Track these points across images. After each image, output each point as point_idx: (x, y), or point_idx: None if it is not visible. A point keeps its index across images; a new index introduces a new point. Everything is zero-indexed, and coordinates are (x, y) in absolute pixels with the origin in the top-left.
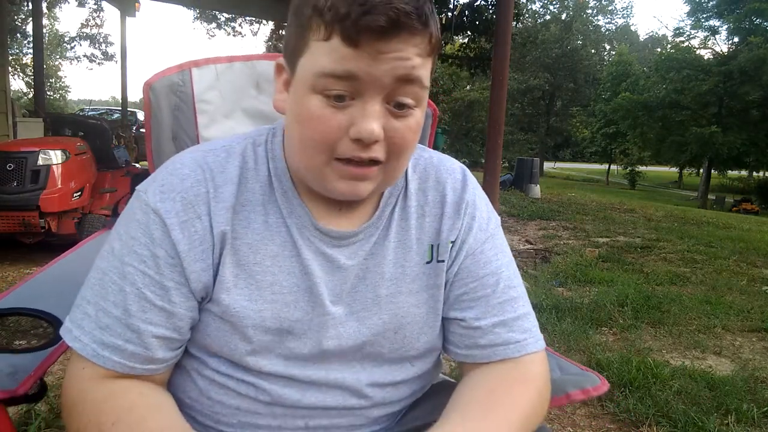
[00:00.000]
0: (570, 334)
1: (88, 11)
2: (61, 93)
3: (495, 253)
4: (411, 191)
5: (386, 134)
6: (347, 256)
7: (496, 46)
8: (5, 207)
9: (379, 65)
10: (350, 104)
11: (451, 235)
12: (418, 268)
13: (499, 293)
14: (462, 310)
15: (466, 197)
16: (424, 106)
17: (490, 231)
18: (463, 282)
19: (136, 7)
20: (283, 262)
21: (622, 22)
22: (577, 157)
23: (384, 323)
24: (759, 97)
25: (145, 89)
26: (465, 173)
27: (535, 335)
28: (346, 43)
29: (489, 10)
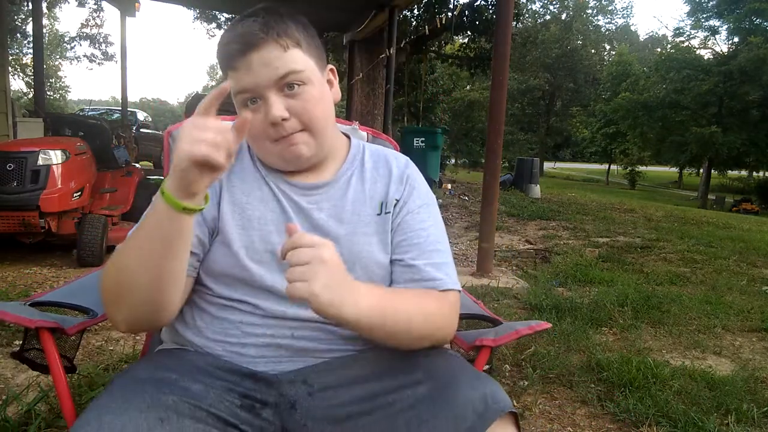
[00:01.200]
0: (570, 334)
1: (88, 11)
2: (61, 93)
3: (428, 217)
4: (366, 167)
5: (291, 112)
6: (309, 202)
7: (496, 46)
8: (5, 207)
9: (254, 76)
10: (260, 105)
11: (396, 194)
12: (370, 217)
13: (429, 244)
14: (401, 253)
15: (407, 172)
16: (315, 82)
17: (425, 201)
18: (402, 231)
19: (136, 7)
20: (267, 203)
21: (622, 22)
22: (577, 157)
23: (350, 254)
24: (759, 97)
25: (165, 136)
26: (408, 161)
27: (453, 278)
28: (230, 71)
29: (489, 10)
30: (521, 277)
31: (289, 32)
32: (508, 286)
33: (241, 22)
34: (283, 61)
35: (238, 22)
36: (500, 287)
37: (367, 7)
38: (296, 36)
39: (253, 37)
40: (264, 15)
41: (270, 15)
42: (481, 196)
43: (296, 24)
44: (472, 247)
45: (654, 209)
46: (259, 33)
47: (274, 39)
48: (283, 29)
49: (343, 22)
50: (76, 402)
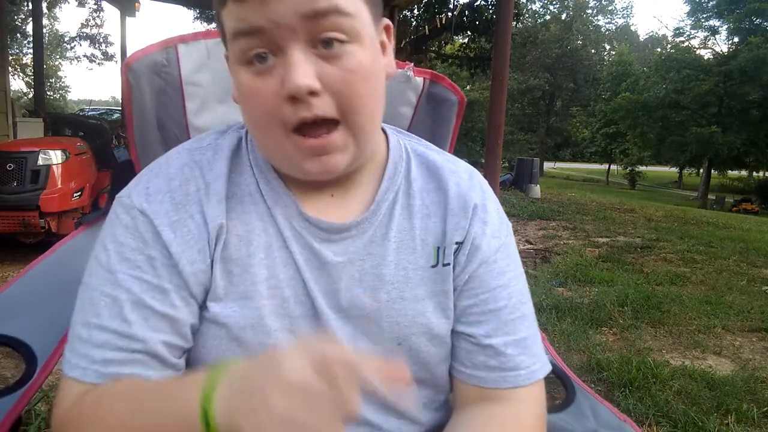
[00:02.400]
0: (570, 334)
1: (88, 11)
2: (61, 93)
3: (508, 263)
4: (415, 189)
5: (325, 84)
6: (336, 253)
7: (496, 46)
8: (5, 207)
9: (274, 7)
10: (274, 64)
11: (456, 235)
12: (423, 272)
13: (511, 308)
14: (470, 325)
15: (472, 197)
16: (367, 41)
17: (503, 239)
18: (473, 292)
19: (136, 7)
20: (277, 253)
21: (622, 22)
22: (577, 157)
23: (384, 332)
24: (759, 97)
25: (123, 71)
26: (472, 174)
27: (542, 359)
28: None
29: (489, 10)
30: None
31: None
32: None
33: None
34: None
35: None
36: None
37: None
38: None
39: None
40: None
41: None
42: None
43: None
44: None
45: (654, 209)
46: None
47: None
48: None
49: None
50: None
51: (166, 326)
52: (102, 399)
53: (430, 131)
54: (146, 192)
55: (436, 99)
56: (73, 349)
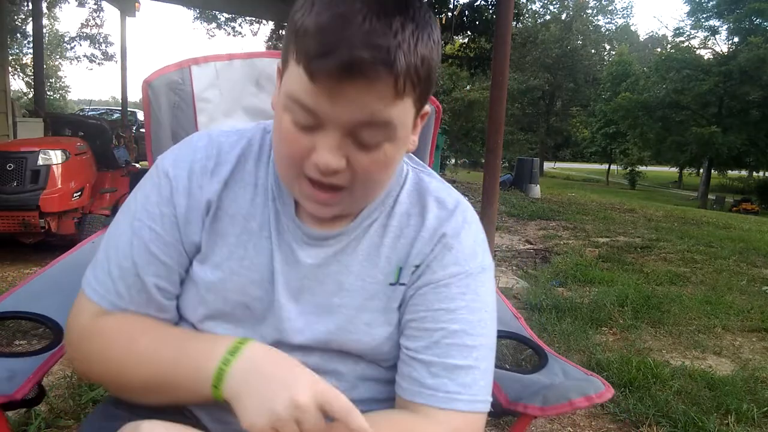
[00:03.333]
0: (570, 334)
1: (88, 11)
2: (61, 93)
3: (464, 293)
4: (396, 212)
5: (351, 164)
6: (309, 256)
7: (496, 46)
8: (5, 207)
9: (336, 107)
10: (315, 130)
11: (416, 259)
12: (380, 286)
13: (450, 334)
14: (407, 338)
15: (447, 226)
16: (401, 140)
17: (467, 269)
18: (415, 308)
19: (136, 7)
20: (258, 241)
21: (622, 22)
22: (577, 157)
23: (329, 332)
24: (759, 97)
25: (144, 87)
26: (458, 205)
27: (474, 394)
28: (308, 76)
29: (489, 10)
30: (521, 277)
31: (419, 62)
32: (508, 286)
33: (363, 5)
34: (386, 109)
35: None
36: (500, 287)
37: None
38: (425, 68)
39: (368, 66)
40: (407, 11)
41: (413, 17)
42: (481, 196)
43: (432, 37)
44: None
45: (654, 209)
46: (382, 61)
47: (396, 75)
48: (416, 56)
49: None
50: (77, 402)
51: (163, 272)
52: (124, 327)
53: None
54: (174, 159)
55: None
56: (95, 272)
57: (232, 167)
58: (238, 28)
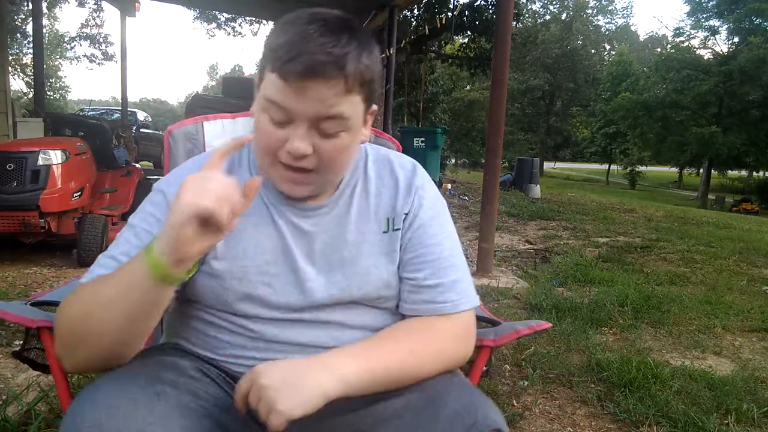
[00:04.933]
0: (570, 334)
1: (88, 11)
2: (61, 93)
3: (440, 228)
4: (370, 176)
5: (316, 150)
6: (311, 224)
7: (496, 46)
8: (5, 207)
9: (302, 102)
10: (286, 125)
11: (404, 207)
12: (377, 235)
13: (443, 260)
14: (412, 272)
15: (415, 181)
16: (354, 130)
17: (436, 210)
18: (413, 247)
19: (136, 7)
20: (263, 229)
21: (622, 22)
22: (577, 157)
23: (347, 280)
24: (759, 97)
25: (166, 135)
26: (415, 166)
27: (468, 296)
28: (281, 78)
29: (489, 10)
30: (521, 277)
31: (363, 68)
32: (508, 286)
33: (320, 26)
34: (340, 104)
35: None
36: (500, 287)
37: (367, 7)
38: (368, 74)
39: (324, 67)
40: (352, 33)
41: (357, 36)
42: (481, 196)
43: (373, 53)
44: (472, 247)
45: (654, 209)
46: (334, 63)
47: (345, 76)
48: (360, 63)
49: None
50: None
51: None
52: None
53: None
54: (167, 179)
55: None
56: (91, 267)
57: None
58: (238, 28)
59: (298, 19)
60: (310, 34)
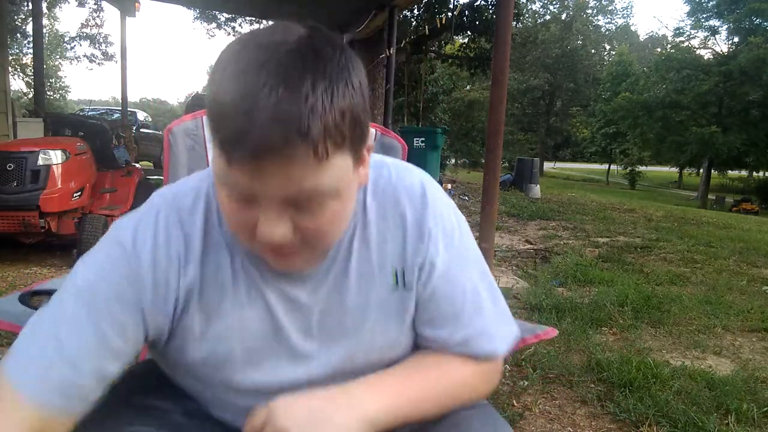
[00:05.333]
0: (570, 334)
1: (88, 11)
2: (61, 93)
3: (462, 266)
4: (370, 219)
5: (298, 228)
6: (308, 293)
7: (496, 46)
8: (5, 207)
9: (262, 184)
10: (253, 203)
11: (417, 257)
12: (383, 295)
13: (468, 305)
14: (434, 329)
15: (427, 218)
16: (344, 193)
17: (455, 244)
18: (436, 303)
19: (136, 7)
20: (250, 304)
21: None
22: (577, 157)
23: (352, 351)
24: (759, 97)
25: (165, 133)
26: (424, 188)
27: (502, 337)
28: (225, 162)
29: (489, 10)
30: (521, 277)
31: (337, 119)
32: (508, 286)
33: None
34: (314, 177)
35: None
36: (500, 287)
37: (367, 7)
38: (348, 124)
39: (280, 144)
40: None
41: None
42: (481, 196)
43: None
44: None
45: (654, 209)
46: (295, 133)
47: (313, 144)
48: (332, 114)
49: (343, 22)
50: None
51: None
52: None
53: None
54: (133, 234)
55: (385, 146)
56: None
57: (202, 236)
58: (238, 28)
59: (244, 63)
60: (258, 92)
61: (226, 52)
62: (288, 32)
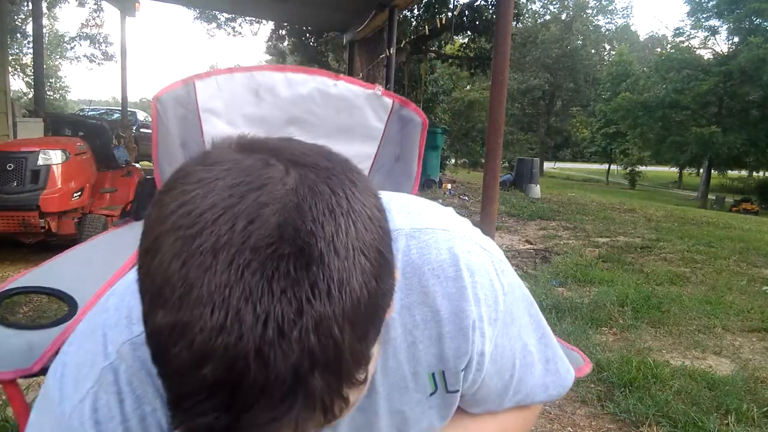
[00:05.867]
0: (570, 334)
1: (88, 11)
2: (61, 93)
3: (508, 332)
4: (393, 318)
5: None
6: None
7: (496, 46)
8: (5, 207)
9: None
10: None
11: (461, 362)
12: (422, 404)
13: (518, 371)
14: (480, 405)
15: (466, 309)
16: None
17: (498, 313)
18: (485, 385)
19: (136, 7)
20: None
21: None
22: (577, 157)
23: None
24: (759, 97)
25: (153, 102)
26: (457, 262)
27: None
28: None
29: (489, 10)
30: (521, 277)
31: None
32: None
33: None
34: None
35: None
36: None
37: (367, 7)
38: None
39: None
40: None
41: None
42: (481, 196)
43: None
44: None
45: (654, 209)
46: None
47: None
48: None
49: (343, 22)
50: None
51: None
52: None
53: (399, 145)
54: (94, 415)
55: (404, 119)
56: None
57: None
58: (238, 28)
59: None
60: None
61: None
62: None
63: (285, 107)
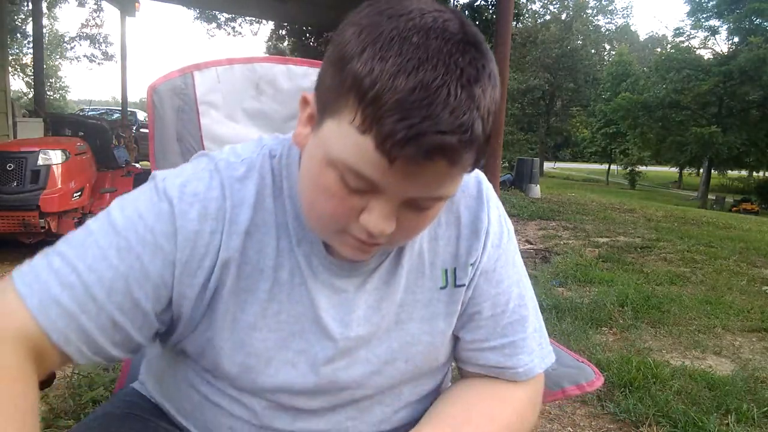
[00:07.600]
0: (570, 334)
1: (88, 11)
2: (61, 93)
3: (507, 270)
4: None
5: (399, 223)
6: (356, 286)
7: (496, 46)
8: (5, 207)
9: (407, 185)
10: (368, 194)
11: (471, 257)
12: (431, 293)
13: (509, 313)
14: (471, 331)
15: (482, 219)
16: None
17: (502, 246)
18: (475, 302)
19: (136, 7)
20: (291, 290)
21: (622, 22)
22: (577, 157)
23: (393, 351)
24: (759, 97)
25: (149, 92)
26: (480, 186)
27: (540, 355)
28: (379, 153)
29: (489, 10)
30: None
31: (490, 123)
32: None
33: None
34: (452, 185)
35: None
36: None
37: None
38: (491, 123)
39: (453, 150)
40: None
41: (487, 68)
42: None
43: (498, 82)
44: None
45: (654, 209)
46: (467, 143)
47: (475, 153)
48: (488, 120)
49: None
50: (77, 402)
51: (131, 311)
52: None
53: None
54: (182, 187)
55: None
56: (37, 269)
57: (251, 213)
58: (238, 28)
59: (413, 50)
60: (438, 91)
61: (378, 27)
62: (442, 16)
63: (286, 101)
